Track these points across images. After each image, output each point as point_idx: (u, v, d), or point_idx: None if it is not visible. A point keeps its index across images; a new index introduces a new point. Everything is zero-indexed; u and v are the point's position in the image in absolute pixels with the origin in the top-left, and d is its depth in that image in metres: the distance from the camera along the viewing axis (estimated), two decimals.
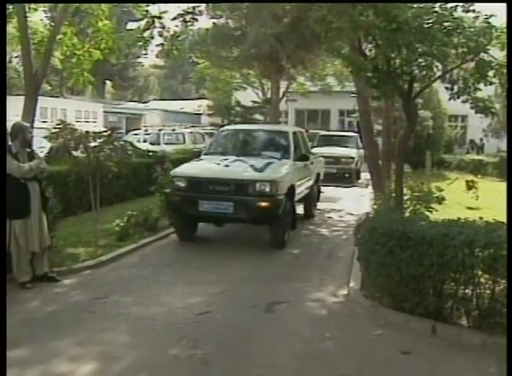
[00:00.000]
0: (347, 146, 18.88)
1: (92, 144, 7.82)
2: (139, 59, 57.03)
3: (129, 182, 11.83)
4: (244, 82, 27.74)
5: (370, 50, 7.47)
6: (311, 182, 10.31)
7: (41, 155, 7.86)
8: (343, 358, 4.31)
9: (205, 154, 9.53)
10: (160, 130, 21.80)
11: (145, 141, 20.60)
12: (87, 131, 7.87)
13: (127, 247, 7.71)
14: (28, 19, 8.72)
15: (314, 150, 14.99)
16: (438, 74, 7.24)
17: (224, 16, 19.95)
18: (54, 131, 7.96)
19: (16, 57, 38.85)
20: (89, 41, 11.28)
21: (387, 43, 6.43)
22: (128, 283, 6.17)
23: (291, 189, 8.33)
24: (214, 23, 20.58)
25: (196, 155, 13.27)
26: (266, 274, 6.63)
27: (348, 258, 7.26)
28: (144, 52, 42.69)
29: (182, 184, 8.06)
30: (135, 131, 23.14)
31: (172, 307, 5.32)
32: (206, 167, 8.53)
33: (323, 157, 12.82)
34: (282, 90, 23.84)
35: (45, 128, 10.23)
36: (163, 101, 52.77)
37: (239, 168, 8.15)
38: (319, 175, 11.39)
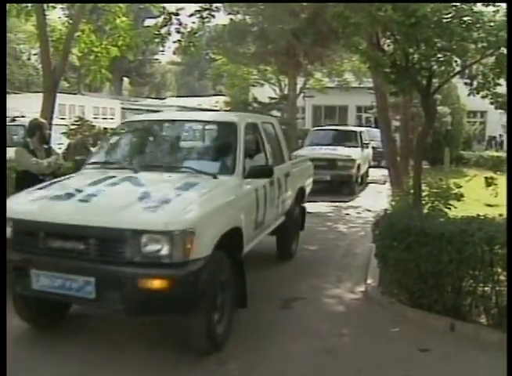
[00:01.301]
0: (347, 145, 14.79)
1: None
2: (156, 56, 57.37)
3: None
4: (261, 78, 27.75)
5: (388, 45, 7.41)
6: (286, 206, 6.67)
7: (59, 151, 7.97)
8: (359, 354, 4.30)
9: (87, 165, 5.43)
10: None
11: None
12: (105, 128, 7.97)
13: None
14: (46, 17, 8.82)
15: (301, 151, 13.65)
16: (457, 69, 7.18)
17: (241, 12, 19.99)
18: (72, 127, 8.10)
19: (34, 55, 39.37)
20: (107, 38, 11.35)
21: (406, 38, 6.36)
22: None
23: (232, 238, 4.50)
24: (231, 19, 20.65)
25: None
26: (283, 271, 6.62)
27: (366, 255, 7.22)
28: (161, 48, 42.96)
29: (9, 235, 4.12)
30: None
31: None
32: (49, 200, 4.32)
33: (314, 160, 9.60)
34: (299, 86, 23.83)
35: (63, 125, 10.39)
36: (180, 97, 53.01)
37: (114, 202, 4.19)
38: (302, 190, 7.62)
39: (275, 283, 6.07)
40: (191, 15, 11.26)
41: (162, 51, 53.67)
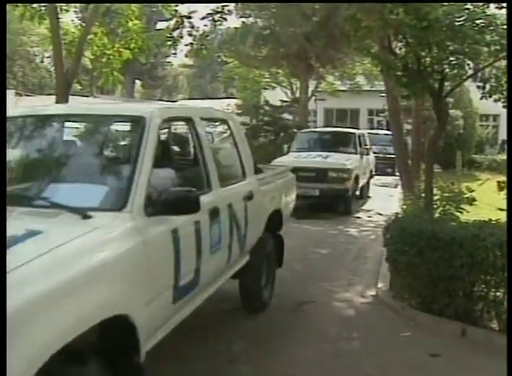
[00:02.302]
0: (342, 151, 12.22)
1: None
2: (168, 59, 57.55)
3: None
4: (273, 81, 27.77)
5: (400, 48, 7.39)
6: (250, 241, 4.71)
7: None
8: (369, 358, 4.28)
9: None
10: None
11: None
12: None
13: None
14: (60, 19, 8.90)
15: (284, 159, 11.24)
16: (470, 72, 7.14)
17: (253, 15, 20.05)
18: None
19: (47, 57, 39.69)
20: (119, 41, 11.43)
21: (418, 41, 6.35)
22: None
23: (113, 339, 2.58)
24: (243, 22, 20.71)
25: None
26: (293, 274, 6.59)
27: (377, 259, 7.19)
28: (173, 51, 43.09)
29: None
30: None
31: None
32: None
33: (298, 170, 8.10)
34: (311, 89, 23.82)
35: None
36: (192, 100, 53.16)
37: None
38: (278, 214, 5.46)
39: (285, 287, 6.04)
40: (203, 18, 11.31)
41: (174, 54, 53.80)
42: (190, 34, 11.33)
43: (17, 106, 25.61)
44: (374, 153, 15.95)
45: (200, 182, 3.84)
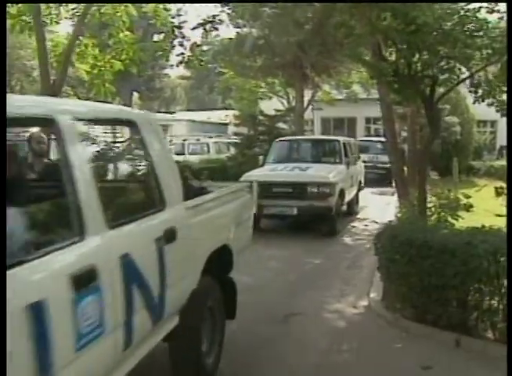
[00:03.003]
0: (325, 161, 10.95)
1: None
2: (166, 70, 57.69)
3: None
4: (269, 91, 27.71)
5: (391, 54, 7.31)
6: (175, 300, 3.33)
7: None
8: (361, 371, 4.13)
9: None
10: (184, 140, 21.88)
11: None
12: None
13: None
14: (49, 30, 8.85)
15: (256, 172, 10.00)
16: (462, 77, 7.04)
17: (247, 26, 20.03)
18: None
19: None
20: (110, 53, 11.35)
21: (407, 46, 6.27)
22: None
23: None
24: (237, 33, 20.68)
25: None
26: (285, 284, 6.47)
27: (371, 268, 7.03)
28: (170, 63, 43.19)
29: None
30: None
31: None
32: None
33: (273, 185, 8.72)
34: (307, 98, 23.75)
35: None
36: (189, 111, 53.18)
37: None
38: (226, 252, 4.24)
39: (275, 297, 5.91)
40: (194, 28, 11.26)
41: (172, 65, 53.99)
42: (181, 44, 11.26)
43: None
44: (364, 162, 14.76)
45: (65, 225, 2.45)
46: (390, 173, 17.71)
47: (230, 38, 20.75)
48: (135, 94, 56.97)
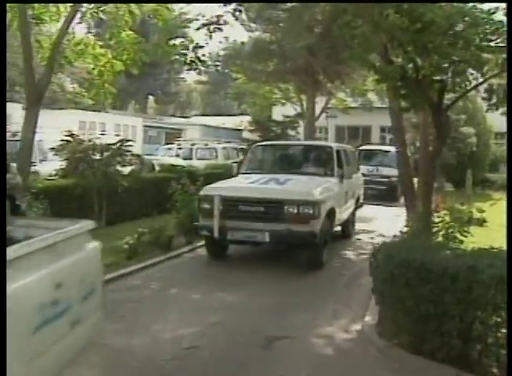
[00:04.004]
0: (312, 172, 8.91)
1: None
2: (182, 75, 57.60)
3: (153, 197, 11.40)
4: (283, 97, 27.27)
5: (398, 56, 6.81)
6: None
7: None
8: None
9: None
10: (192, 144, 21.49)
11: (177, 155, 20.32)
12: (94, 144, 7.51)
13: (131, 268, 7.21)
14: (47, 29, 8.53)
15: (220, 185, 8.18)
16: (475, 82, 6.52)
17: (259, 29, 19.64)
18: (61, 143, 7.67)
19: (60, 72, 39.71)
20: (111, 53, 10.98)
21: (414, 46, 5.77)
22: (119, 308, 5.62)
23: None
24: (249, 37, 20.31)
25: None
26: (274, 303, 5.96)
27: (370, 287, 6.50)
28: (187, 67, 42.92)
29: None
30: (168, 146, 22.94)
31: (158, 338, 4.74)
32: None
33: (239, 201, 7.30)
34: (321, 106, 23.27)
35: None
36: (205, 116, 53.00)
37: None
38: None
39: (261, 318, 5.41)
40: (198, 28, 10.85)
41: (188, 69, 54.05)
42: (184, 46, 10.86)
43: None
44: (363, 175, 12.58)
45: None
46: (393, 189, 16.33)
47: (242, 42, 20.37)
48: (151, 97, 57.04)
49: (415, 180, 10.63)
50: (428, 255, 4.25)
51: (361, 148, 18.20)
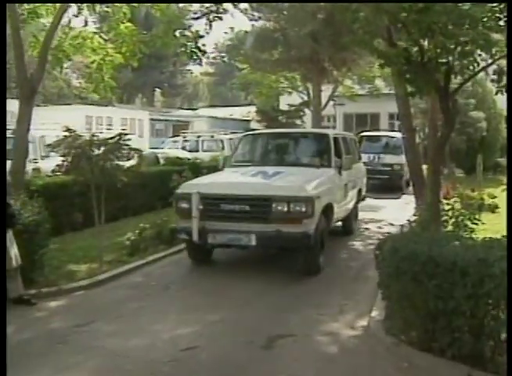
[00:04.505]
0: (306, 163, 7.99)
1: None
2: (188, 67, 57.34)
3: (157, 191, 11.21)
4: (289, 86, 26.92)
5: (402, 40, 6.52)
6: None
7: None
8: None
9: None
10: (198, 137, 21.25)
11: (183, 148, 20.12)
12: (92, 137, 7.28)
13: (132, 264, 7.04)
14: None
15: (202, 181, 7.45)
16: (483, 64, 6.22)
17: (263, 18, 19.32)
18: (58, 138, 7.47)
19: (66, 68, 39.63)
20: (110, 45, 10.75)
21: (418, 27, 5.48)
22: (118, 308, 5.46)
23: None
24: (253, 26, 20.01)
25: None
26: (277, 299, 5.75)
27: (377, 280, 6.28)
28: (187, 58, 42.58)
29: None
30: (175, 138, 22.72)
31: (157, 339, 4.56)
32: None
33: (220, 199, 6.49)
34: (328, 94, 22.92)
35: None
36: (212, 108, 52.75)
37: None
38: None
39: (263, 315, 5.21)
40: (197, 18, 10.59)
41: (195, 59, 53.78)
42: (183, 35, 10.60)
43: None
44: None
45: None
46: (396, 178, 15.36)
47: (246, 31, 20.06)
48: (158, 90, 56.85)
49: (424, 167, 10.38)
50: (436, 248, 4.01)
51: (362, 134, 17.10)
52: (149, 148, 21.34)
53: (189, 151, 19.17)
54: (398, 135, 15.84)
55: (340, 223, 8.91)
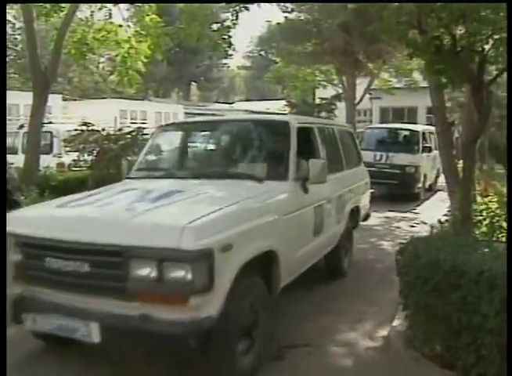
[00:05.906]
0: (237, 175, 4.68)
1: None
2: (225, 60, 57.18)
3: None
4: (324, 80, 26.41)
5: (433, 27, 6.07)
6: None
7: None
8: None
9: None
10: None
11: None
12: (108, 133, 7.14)
13: None
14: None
15: (22, 213, 4.03)
16: None
17: (295, 10, 18.93)
18: (74, 133, 7.37)
19: (102, 62, 40.08)
20: (136, 38, 10.62)
21: (449, 12, 5.05)
22: None
23: None
24: (285, 18, 19.63)
25: None
26: (292, 304, 5.41)
27: None
28: (231, 52, 42.31)
29: None
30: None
31: None
32: None
33: (47, 248, 3.43)
34: (363, 87, 22.36)
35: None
36: (248, 102, 52.57)
37: None
38: None
39: (276, 323, 4.89)
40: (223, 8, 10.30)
41: (230, 55, 53.57)
42: (210, 28, 10.36)
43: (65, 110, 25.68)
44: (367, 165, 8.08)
45: None
46: (408, 183, 12.23)
47: (278, 23, 19.67)
48: (194, 84, 56.96)
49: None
50: (461, 256, 3.61)
51: (366, 127, 14.56)
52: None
53: None
54: (417, 127, 14.45)
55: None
